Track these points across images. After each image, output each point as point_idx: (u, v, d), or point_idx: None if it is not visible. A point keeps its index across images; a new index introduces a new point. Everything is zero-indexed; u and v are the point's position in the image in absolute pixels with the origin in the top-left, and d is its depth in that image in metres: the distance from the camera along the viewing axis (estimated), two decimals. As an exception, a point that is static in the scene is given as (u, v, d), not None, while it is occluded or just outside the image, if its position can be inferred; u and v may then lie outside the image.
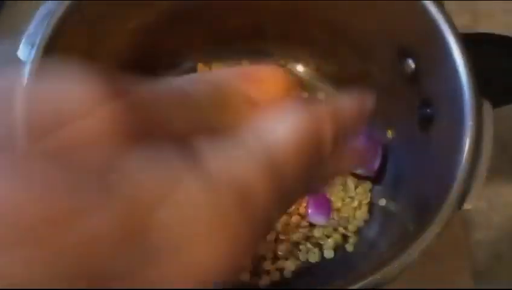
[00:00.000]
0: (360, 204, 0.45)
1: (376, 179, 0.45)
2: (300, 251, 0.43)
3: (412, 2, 0.35)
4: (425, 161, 0.37)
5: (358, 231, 0.44)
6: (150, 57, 0.46)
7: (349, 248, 0.44)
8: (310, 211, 0.43)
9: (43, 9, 0.33)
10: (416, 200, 0.37)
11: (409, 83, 0.39)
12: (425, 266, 0.29)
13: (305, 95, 0.49)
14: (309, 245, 0.43)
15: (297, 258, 0.43)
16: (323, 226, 0.44)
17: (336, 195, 0.44)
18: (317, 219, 0.43)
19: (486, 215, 0.47)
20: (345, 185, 0.45)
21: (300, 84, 0.49)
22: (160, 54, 0.47)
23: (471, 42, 0.34)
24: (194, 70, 0.49)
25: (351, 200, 0.45)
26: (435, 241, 0.28)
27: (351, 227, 0.44)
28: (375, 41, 0.42)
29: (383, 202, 0.44)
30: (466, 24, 0.53)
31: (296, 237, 0.43)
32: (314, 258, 0.43)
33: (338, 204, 0.44)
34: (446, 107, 0.35)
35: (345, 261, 0.43)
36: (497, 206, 0.47)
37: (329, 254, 0.44)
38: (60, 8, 0.33)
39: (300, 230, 0.43)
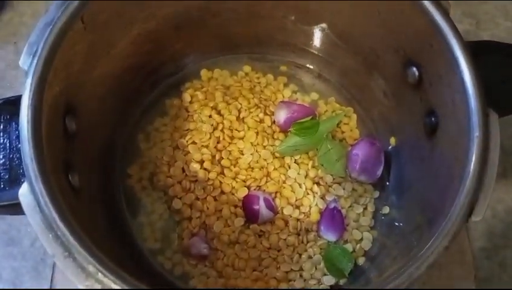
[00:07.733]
0: (364, 211, 0.44)
1: (379, 186, 0.45)
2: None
3: (416, 10, 0.35)
4: (430, 170, 0.37)
5: (363, 239, 0.44)
6: (153, 63, 0.46)
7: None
8: (322, 227, 0.42)
9: (44, 18, 0.32)
10: (421, 209, 0.37)
11: (413, 91, 0.39)
12: (428, 273, 0.29)
13: (306, 101, 0.48)
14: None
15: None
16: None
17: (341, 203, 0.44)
18: (329, 235, 0.42)
19: (490, 222, 0.46)
20: (350, 193, 0.45)
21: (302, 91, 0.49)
22: (163, 60, 0.46)
23: (475, 50, 0.33)
24: (197, 75, 0.49)
25: (355, 207, 0.44)
26: (443, 254, 0.28)
27: (356, 235, 0.44)
28: (379, 48, 0.42)
29: (386, 209, 0.44)
30: (468, 29, 0.53)
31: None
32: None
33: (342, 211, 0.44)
34: (451, 117, 0.34)
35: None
36: (500, 213, 0.47)
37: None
38: (62, 17, 0.32)
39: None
